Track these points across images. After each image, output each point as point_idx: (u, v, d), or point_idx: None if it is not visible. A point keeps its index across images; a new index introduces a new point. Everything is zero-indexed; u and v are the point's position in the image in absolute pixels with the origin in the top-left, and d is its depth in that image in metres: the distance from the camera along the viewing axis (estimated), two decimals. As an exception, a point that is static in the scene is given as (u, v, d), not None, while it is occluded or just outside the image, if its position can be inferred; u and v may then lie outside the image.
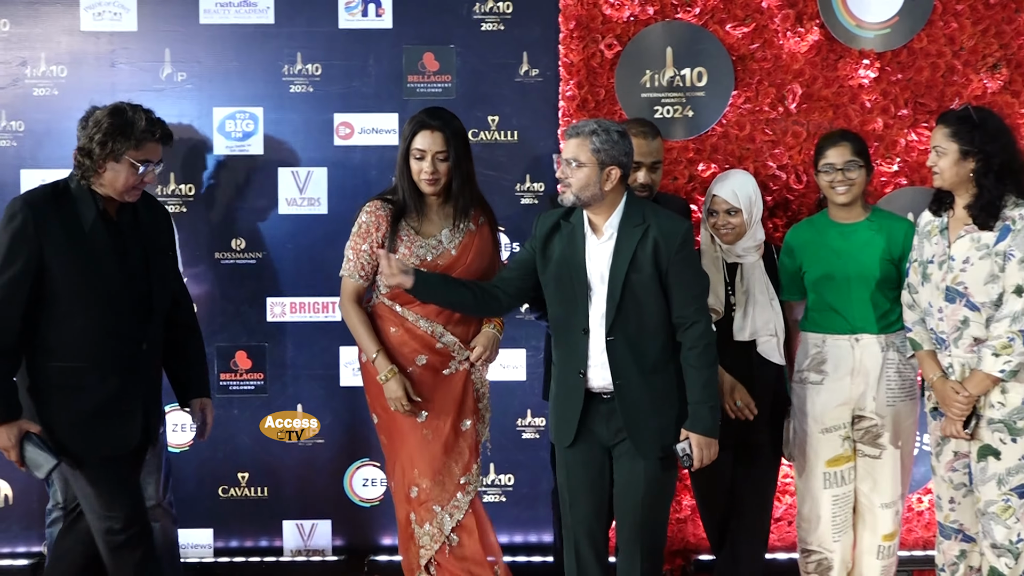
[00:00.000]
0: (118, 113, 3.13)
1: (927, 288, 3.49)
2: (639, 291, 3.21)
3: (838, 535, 3.71)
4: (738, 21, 4.13)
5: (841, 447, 3.71)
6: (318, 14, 4.23)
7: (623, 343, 3.22)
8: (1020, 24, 4.11)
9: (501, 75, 4.27)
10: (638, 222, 3.22)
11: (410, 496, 3.53)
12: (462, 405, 3.57)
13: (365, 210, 3.52)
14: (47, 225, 3.06)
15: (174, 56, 4.21)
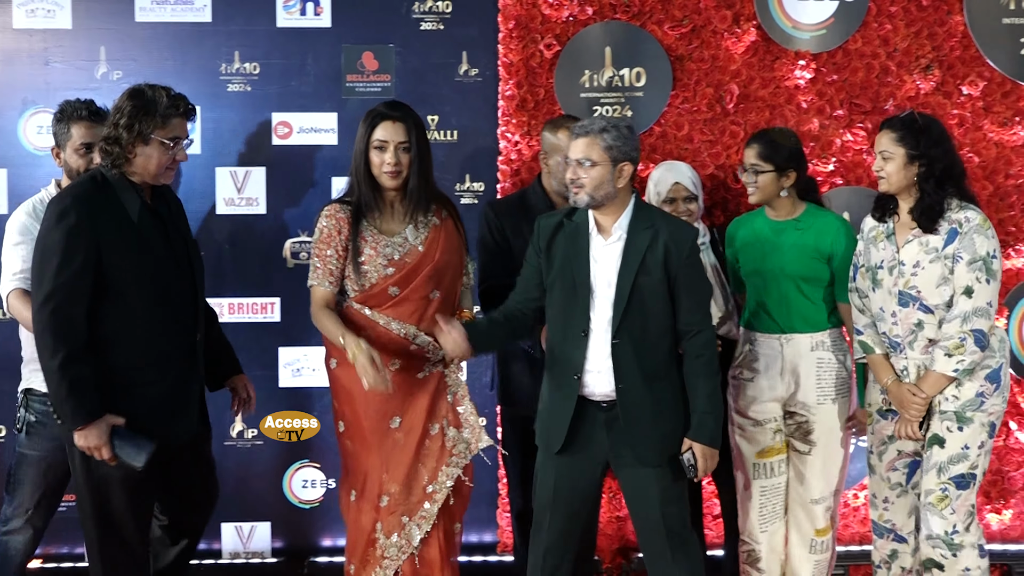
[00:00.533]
0: (138, 94, 3.11)
1: (879, 293, 3.51)
2: (646, 295, 3.18)
3: (765, 526, 3.73)
4: (676, 22, 4.16)
5: (772, 439, 3.74)
6: (256, 12, 4.20)
7: (628, 346, 3.18)
8: (952, 26, 4.18)
9: (440, 75, 4.26)
10: (647, 225, 3.19)
11: (379, 505, 3.45)
12: (433, 408, 3.49)
13: (324, 215, 3.46)
14: (100, 218, 3.06)
15: (109, 54, 4.17)
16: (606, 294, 3.19)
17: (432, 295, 3.43)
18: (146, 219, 3.17)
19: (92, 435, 3.02)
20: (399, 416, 3.41)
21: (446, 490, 3.43)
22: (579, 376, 3.19)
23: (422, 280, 3.41)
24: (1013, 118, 4.19)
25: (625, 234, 3.19)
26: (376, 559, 3.41)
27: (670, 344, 3.23)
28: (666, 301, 3.19)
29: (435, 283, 3.43)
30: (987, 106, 4.21)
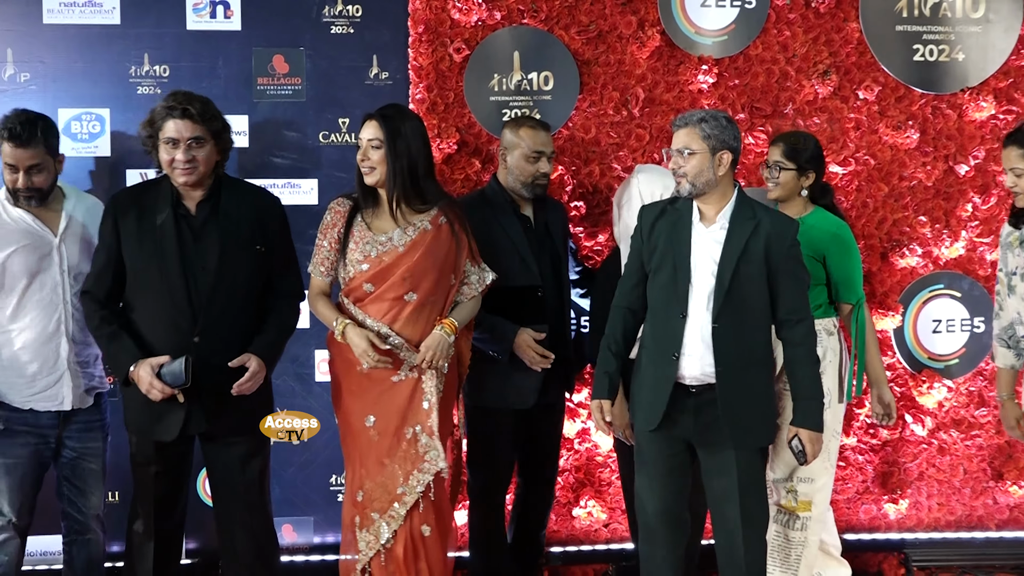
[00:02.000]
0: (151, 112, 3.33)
1: (1013, 299, 3.50)
2: (746, 282, 3.20)
3: None
4: (582, 27, 4.16)
5: None
6: (165, 15, 4.12)
7: (727, 331, 3.20)
8: (848, 33, 4.23)
9: (351, 78, 4.22)
10: (750, 215, 3.22)
11: (356, 499, 3.48)
12: (407, 412, 3.47)
13: (329, 207, 3.51)
14: (124, 220, 3.30)
15: (17, 56, 4.06)
16: (706, 280, 3.21)
17: (408, 297, 3.40)
18: (169, 225, 3.30)
19: (141, 377, 3.22)
20: (373, 415, 3.42)
21: (416, 494, 3.42)
22: (677, 356, 3.21)
23: (396, 280, 3.40)
24: (907, 122, 4.25)
25: (728, 223, 3.21)
26: (356, 550, 3.47)
27: (766, 332, 3.27)
28: (764, 290, 3.21)
29: (411, 285, 3.40)
30: (882, 110, 4.27)
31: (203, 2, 4.13)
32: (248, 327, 3.39)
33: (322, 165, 4.21)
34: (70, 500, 3.61)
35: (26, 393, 3.47)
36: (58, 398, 3.49)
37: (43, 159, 3.41)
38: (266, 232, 3.43)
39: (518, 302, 3.66)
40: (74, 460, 3.56)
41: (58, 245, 3.47)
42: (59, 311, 3.47)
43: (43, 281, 3.46)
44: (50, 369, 3.47)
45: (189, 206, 3.32)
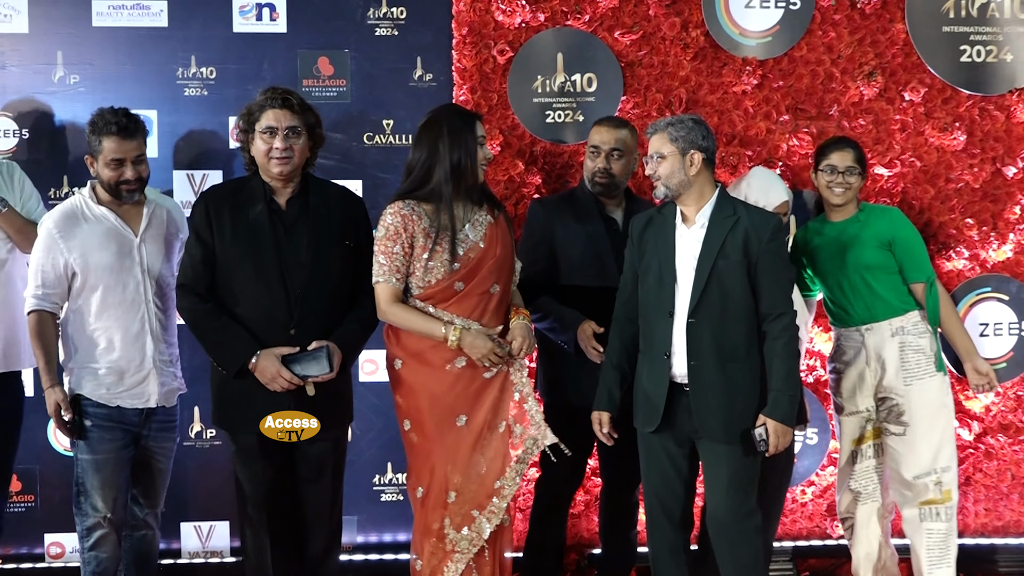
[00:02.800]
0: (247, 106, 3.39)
1: None
2: (725, 278, 3.26)
3: (863, 500, 3.82)
4: (626, 28, 4.17)
5: (864, 427, 3.82)
6: (212, 18, 4.18)
7: (705, 327, 3.26)
8: (894, 34, 4.23)
9: (395, 80, 4.26)
10: (729, 214, 3.29)
11: (447, 501, 3.47)
12: (499, 406, 3.51)
13: (389, 212, 3.46)
14: (219, 216, 3.36)
15: (66, 59, 4.13)
16: (688, 278, 3.29)
17: (492, 289, 3.46)
18: (263, 221, 3.37)
19: (266, 367, 3.28)
20: (465, 415, 3.43)
21: (515, 485, 3.48)
22: (668, 355, 3.29)
23: (484, 275, 3.44)
24: (953, 123, 4.23)
25: (707, 222, 3.28)
26: (447, 552, 3.45)
27: (749, 327, 3.30)
28: (745, 285, 3.27)
29: (495, 278, 3.45)
30: (928, 112, 4.25)
31: (249, 4, 4.18)
32: (341, 321, 3.43)
33: (366, 166, 4.25)
34: (136, 498, 3.66)
35: (115, 390, 3.51)
36: (144, 396, 3.54)
37: (143, 150, 3.50)
38: (355, 229, 3.49)
39: (592, 302, 3.67)
40: (146, 459, 3.62)
41: (138, 245, 3.53)
42: (142, 310, 3.52)
43: (125, 281, 3.50)
44: (137, 367, 3.52)
45: (280, 202, 3.38)
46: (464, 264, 3.40)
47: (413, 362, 3.44)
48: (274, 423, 3.48)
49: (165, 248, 3.60)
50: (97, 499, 3.50)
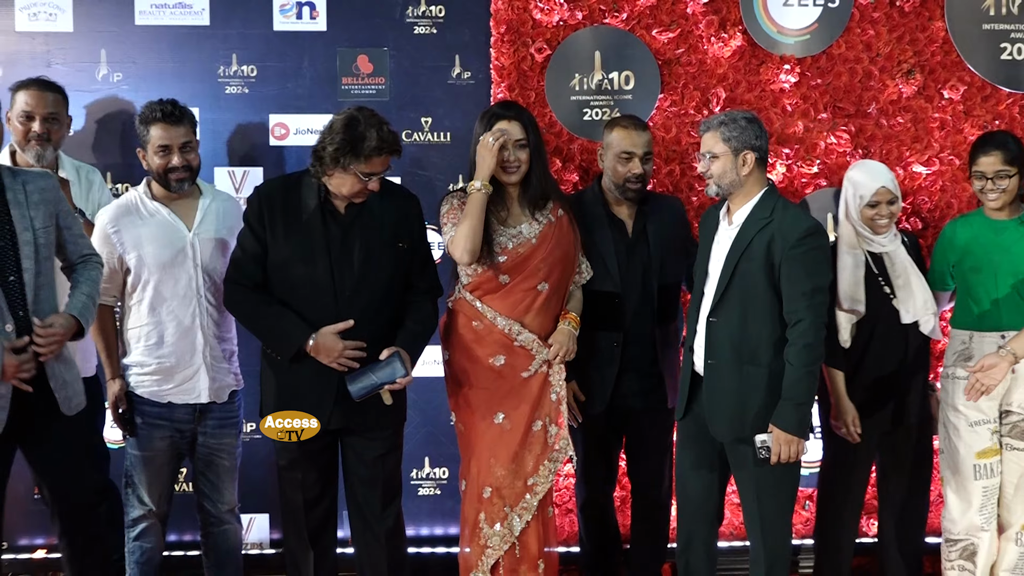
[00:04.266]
0: (350, 126, 3.23)
1: None
2: (747, 279, 3.24)
3: (987, 524, 3.71)
4: (664, 27, 4.17)
5: (990, 440, 3.70)
6: (253, 16, 4.20)
7: (724, 327, 3.26)
8: (933, 32, 4.19)
9: (434, 78, 4.28)
10: (765, 215, 3.25)
11: (482, 496, 3.53)
12: (537, 406, 3.56)
13: (446, 202, 3.57)
14: (271, 212, 3.33)
15: (110, 57, 4.17)
16: (716, 276, 3.31)
17: (540, 287, 3.50)
18: (316, 221, 3.34)
19: (329, 346, 3.25)
20: (503, 412, 3.49)
21: (548, 483, 3.53)
22: (691, 350, 3.37)
23: (531, 270, 3.49)
24: (992, 122, 4.20)
25: (743, 222, 3.27)
26: (480, 547, 3.51)
27: (772, 331, 3.25)
28: (768, 288, 3.23)
29: (544, 275, 3.48)
30: (967, 110, 4.22)
31: (289, 3, 4.20)
32: (389, 323, 3.42)
33: (405, 163, 4.18)
34: (205, 494, 3.70)
35: (164, 386, 3.53)
36: (194, 391, 3.55)
37: (192, 138, 3.51)
38: (409, 230, 3.48)
39: (595, 306, 3.69)
40: (208, 456, 3.64)
41: (192, 240, 3.54)
42: (193, 305, 3.52)
43: (177, 276, 3.51)
44: (187, 363, 3.53)
45: (337, 204, 3.36)
46: (512, 258, 3.44)
47: (460, 356, 3.50)
48: (274, 423, 3.49)
49: (220, 244, 3.58)
50: (143, 493, 3.53)
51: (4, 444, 3.21)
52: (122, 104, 4.20)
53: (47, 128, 3.62)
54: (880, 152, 4.23)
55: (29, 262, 3.14)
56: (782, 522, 3.39)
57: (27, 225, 3.15)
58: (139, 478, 3.52)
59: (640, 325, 3.75)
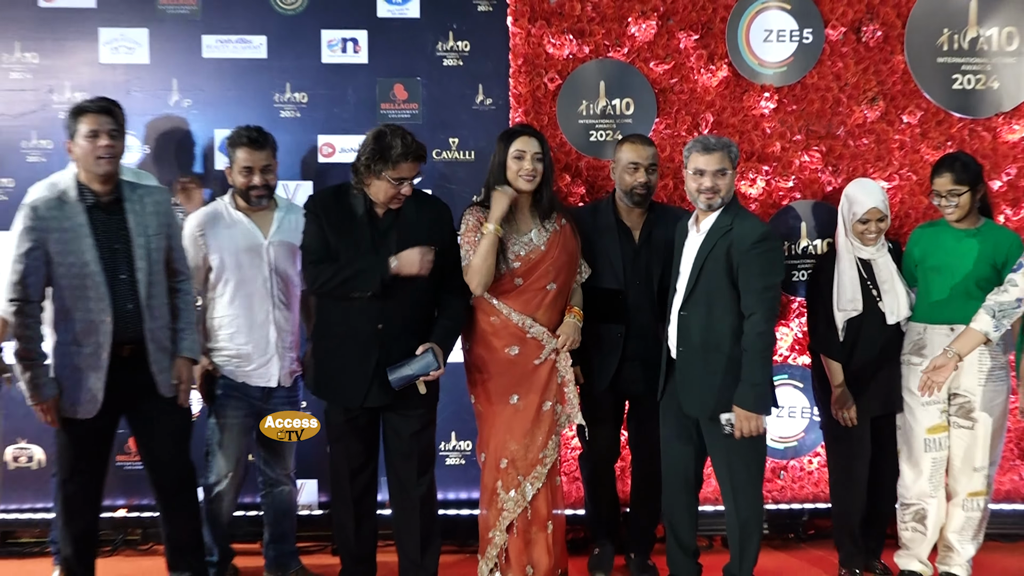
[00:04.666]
0: (379, 138, 3.48)
1: None
2: (712, 278, 3.45)
3: (935, 491, 3.91)
4: (660, 59, 4.40)
5: (939, 418, 3.89)
6: (304, 50, 4.43)
7: (693, 320, 3.49)
8: (894, 64, 4.42)
9: (460, 104, 4.49)
10: (727, 224, 3.47)
11: (499, 466, 3.71)
12: (547, 389, 3.73)
13: (466, 214, 3.72)
14: (327, 216, 3.53)
15: (180, 85, 4.41)
16: (685, 277, 3.54)
17: (549, 287, 3.70)
18: (364, 223, 3.54)
19: (409, 259, 3.48)
20: (517, 395, 3.70)
21: (555, 455, 3.75)
22: (666, 339, 3.60)
23: (541, 273, 3.68)
24: (946, 143, 4.43)
25: (708, 228, 3.50)
26: (498, 510, 3.74)
27: (734, 323, 3.44)
28: (729, 286, 3.43)
29: (552, 277, 3.69)
30: (923, 132, 4.45)
31: (336, 39, 4.44)
32: (423, 318, 3.60)
33: (435, 177, 4.48)
34: (267, 461, 3.97)
35: (243, 369, 3.79)
36: (267, 376, 3.81)
37: (271, 161, 3.75)
38: (441, 235, 3.64)
39: (602, 301, 3.90)
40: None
41: (267, 246, 3.78)
42: (267, 303, 3.78)
43: (253, 276, 3.76)
44: (262, 352, 3.79)
45: (378, 212, 3.56)
46: (524, 263, 3.65)
47: (479, 347, 3.72)
48: (274, 423, 3.71)
49: (291, 249, 3.80)
50: (221, 458, 3.81)
51: (109, 418, 3.50)
52: (192, 126, 4.45)
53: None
54: (847, 169, 4.44)
55: (142, 263, 3.41)
56: (753, 491, 3.61)
57: (141, 231, 3.42)
58: (217, 446, 3.80)
59: (642, 320, 3.90)
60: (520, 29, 4.37)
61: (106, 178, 3.40)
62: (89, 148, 3.35)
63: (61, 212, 3.37)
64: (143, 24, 4.42)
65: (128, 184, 3.49)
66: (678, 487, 3.72)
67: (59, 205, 3.37)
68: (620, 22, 4.39)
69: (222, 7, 4.43)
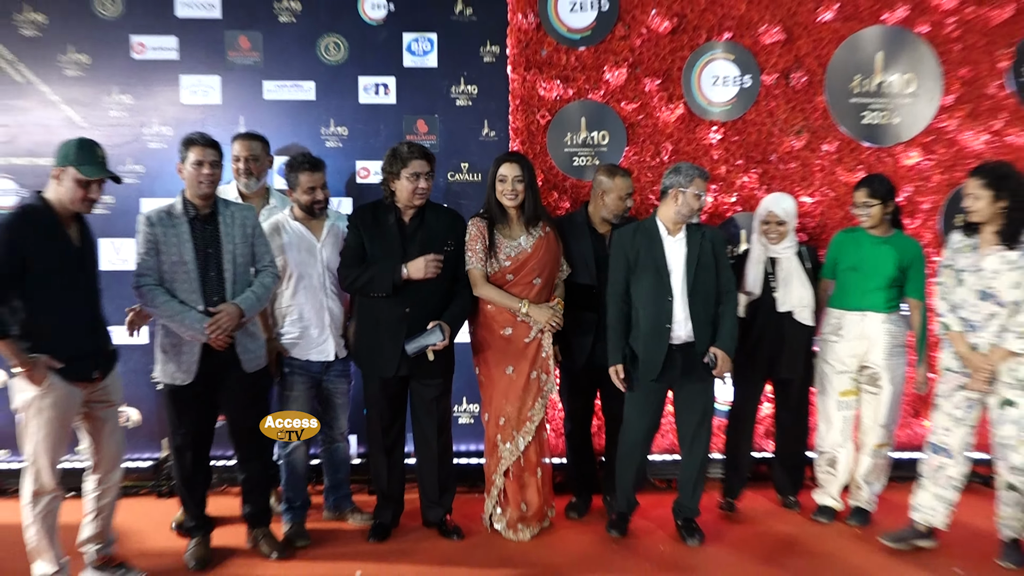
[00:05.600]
0: (393, 150, 3.87)
1: (962, 289, 3.80)
2: (704, 272, 3.85)
3: (844, 442, 4.29)
4: (629, 100, 4.83)
5: (849, 384, 4.21)
6: (345, 93, 4.85)
7: (698, 305, 3.86)
8: (816, 104, 4.88)
9: (469, 136, 4.86)
10: (697, 229, 3.87)
11: (498, 423, 3.99)
12: (534, 362, 4.00)
13: (471, 224, 4.01)
14: (364, 225, 3.89)
15: (247, 122, 4.81)
16: (680, 272, 3.84)
17: (535, 281, 3.99)
18: (394, 229, 3.87)
19: (416, 266, 3.79)
20: (512, 366, 4.03)
21: (541, 413, 4.04)
22: (669, 326, 3.83)
23: (527, 271, 3.98)
24: (857, 166, 4.91)
25: (684, 234, 3.87)
26: (497, 458, 4.07)
27: (715, 298, 3.87)
28: (713, 275, 3.86)
29: (537, 273, 3.99)
30: (839, 158, 4.90)
31: (371, 84, 4.89)
32: (441, 303, 3.94)
33: (450, 195, 4.93)
34: (326, 422, 4.27)
35: (305, 348, 4.09)
36: (326, 352, 4.13)
37: (324, 180, 4.09)
38: (456, 237, 3.99)
39: (578, 294, 4.20)
40: (329, 396, 4.24)
41: (320, 248, 4.08)
42: (321, 293, 4.08)
43: (310, 273, 4.06)
44: (320, 333, 4.09)
45: (405, 219, 3.89)
46: (514, 262, 3.96)
47: (481, 329, 4.09)
48: (274, 423, 3.74)
49: (339, 252, 4.07)
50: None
51: (203, 385, 3.76)
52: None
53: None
54: (779, 188, 4.86)
55: (228, 264, 3.71)
56: (708, 440, 4.06)
57: (230, 240, 3.73)
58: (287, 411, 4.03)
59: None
60: (517, 76, 4.77)
61: (205, 197, 3.73)
62: (195, 173, 3.69)
63: (169, 221, 3.70)
64: (216, 72, 4.84)
65: (223, 202, 3.80)
66: (645, 438, 4.11)
67: (168, 216, 3.72)
68: (597, 70, 4.81)
69: (279, 59, 4.86)
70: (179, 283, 3.71)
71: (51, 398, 3.45)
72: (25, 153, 4.90)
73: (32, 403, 3.47)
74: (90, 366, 3.55)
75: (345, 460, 4.47)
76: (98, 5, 4.88)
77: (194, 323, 3.71)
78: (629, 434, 4.13)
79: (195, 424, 3.89)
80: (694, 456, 4.09)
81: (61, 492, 3.63)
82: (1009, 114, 5.00)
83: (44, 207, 3.42)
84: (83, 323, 3.51)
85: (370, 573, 3.97)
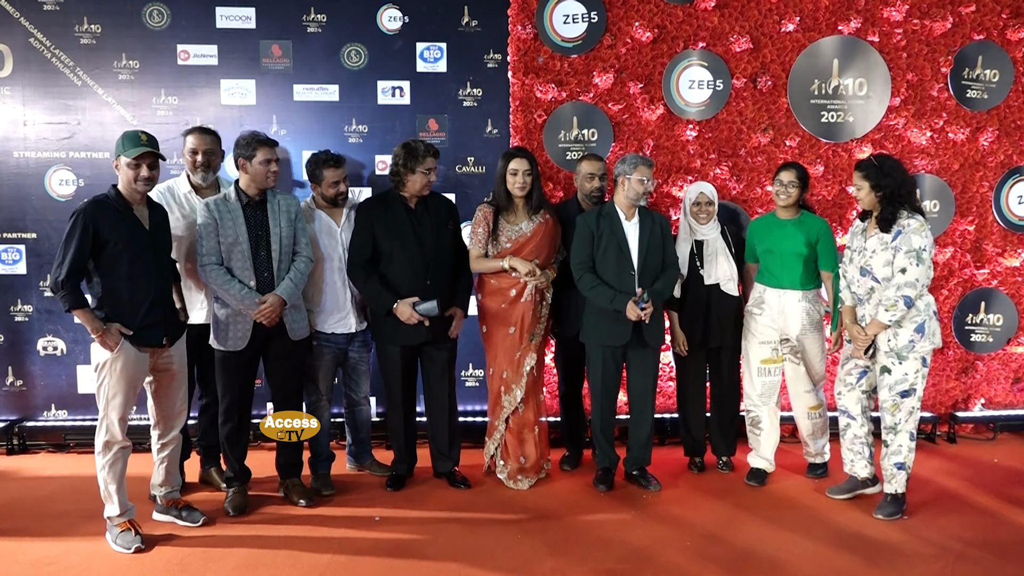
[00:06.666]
0: (407, 146, 4.24)
1: (852, 267, 4.08)
2: (654, 251, 4.24)
3: (764, 401, 4.59)
4: (616, 101, 5.21)
5: (770, 353, 4.52)
6: (366, 95, 5.22)
7: (647, 278, 4.24)
8: (780, 104, 5.28)
9: (475, 133, 5.25)
10: (647, 214, 4.27)
11: (501, 376, 4.39)
12: (530, 323, 4.39)
13: (478, 209, 4.40)
14: (375, 214, 4.23)
15: (279, 120, 5.23)
16: (636, 250, 4.23)
17: (534, 261, 4.37)
18: (404, 216, 4.25)
19: (402, 311, 4.18)
20: (513, 327, 4.43)
21: (531, 362, 4.44)
22: (634, 296, 4.17)
23: (527, 252, 4.38)
24: (816, 160, 5.33)
25: (638, 218, 4.27)
26: (500, 407, 4.47)
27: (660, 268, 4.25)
28: (660, 255, 4.27)
29: (536, 254, 4.38)
30: (801, 152, 5.29)
31: (388, 87, 5.26)
32: (451, 276, 4.40)
33: (458, 185, 5.32)
34: (349, 387, 4.70)
35: (330, 321, 4.49)
36: (347, 324, 4.53)
37: (346, 174, 4.46)
38: (452, 220, 4.43)
39: (569, 272, 4.52)
40: (353, 364, 4.66)
41: (340, 233, 4.49)
42: (342, 272, 4.47)
43: (332, 255, 4.47)
44: (342, 307, 4.51)
45: (411, 205, 4.28)
46: (514, 244, 4.36)
47: (486, 297, 4.51)
48: (274, 423, 4.00)
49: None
50: (320, 384, 4.55)
51: (253, 352, 4.15)
52: (288, 150, 5.18)
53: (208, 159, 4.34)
54: (747, 179, 5.24)
55: (276, 245, 4.08)
56: (654, 399, 4.48)
57: (276, 224, 4.11)
58: (315, 376, 4.51)
59: None
60: (517, 80, 5.14)
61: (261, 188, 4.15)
62: (263, 171, 4.12)
63: (225, 207, 4.11)
64: (251, 76, 5.23)
65: (271, 191, 4.19)
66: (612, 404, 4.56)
67: (224, 202, 4.12)
68: (588, 75, 5.18)
69: (307, 65, 5.24)
70: (235, 260, 4.09)
71: (122, 361, 3.79)
72: (83, 148, 5.32)
73: (106, 365, 3.81)
74: (160, 334, 3.90)
75: (367, 420, 4.87)
76: (147, 17, 5.26)
77: (249, 302, 4.10)
78: (601, 392, 4.54)
79: (243, 387, 4.25)
80: (646, 415, 4.51)
81: (128, 444, 3.94)
82: (949, 114, 5.43)
83: (115, 195, 3.81)
84: (153, 296, 3.83)
85: (388, 517, 4.25)
